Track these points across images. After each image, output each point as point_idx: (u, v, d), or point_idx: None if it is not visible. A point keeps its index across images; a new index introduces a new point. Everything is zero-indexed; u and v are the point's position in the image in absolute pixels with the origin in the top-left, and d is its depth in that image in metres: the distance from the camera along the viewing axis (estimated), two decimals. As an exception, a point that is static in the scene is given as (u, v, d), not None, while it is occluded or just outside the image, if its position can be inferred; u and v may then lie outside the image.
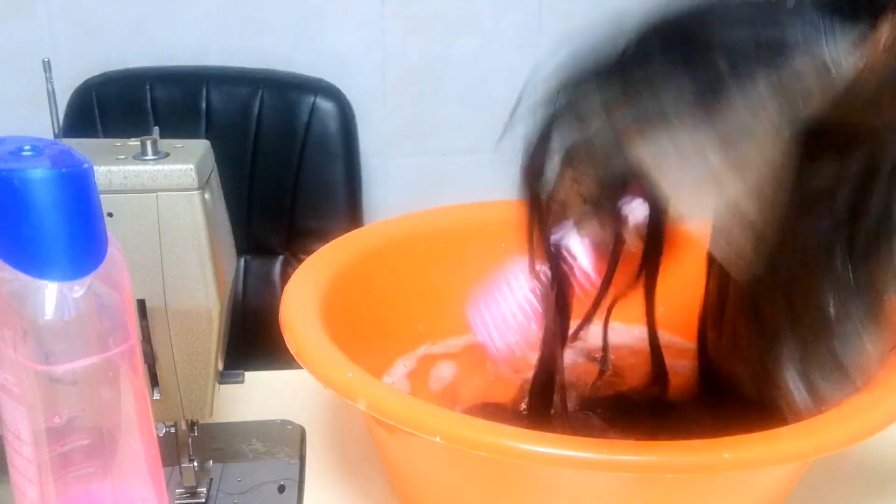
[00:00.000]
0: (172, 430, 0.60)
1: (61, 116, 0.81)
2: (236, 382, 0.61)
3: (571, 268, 0.57)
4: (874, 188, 0.48)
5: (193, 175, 0.52)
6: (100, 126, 1.42)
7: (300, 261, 0.84)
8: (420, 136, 1.60)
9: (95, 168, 0.43)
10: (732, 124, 0.43)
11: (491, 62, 1.55)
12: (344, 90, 1.49)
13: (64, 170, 0.40)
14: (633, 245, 0.56)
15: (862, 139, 0.46)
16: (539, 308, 0.59)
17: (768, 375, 0.52)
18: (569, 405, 0.61)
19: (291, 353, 0.56)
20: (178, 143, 0.55)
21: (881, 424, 0.49)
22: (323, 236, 0.72)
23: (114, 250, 0.43)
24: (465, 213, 0.80)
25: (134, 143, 0.54)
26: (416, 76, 1.55)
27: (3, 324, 0.42)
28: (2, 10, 1.46)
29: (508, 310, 0.61)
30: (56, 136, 0.52)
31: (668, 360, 0.65)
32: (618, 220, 0.54)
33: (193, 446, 0.61)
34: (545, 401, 0.60)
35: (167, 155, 0.53)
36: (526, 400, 0.64)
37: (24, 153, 0.41)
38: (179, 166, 0.52)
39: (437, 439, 0.48)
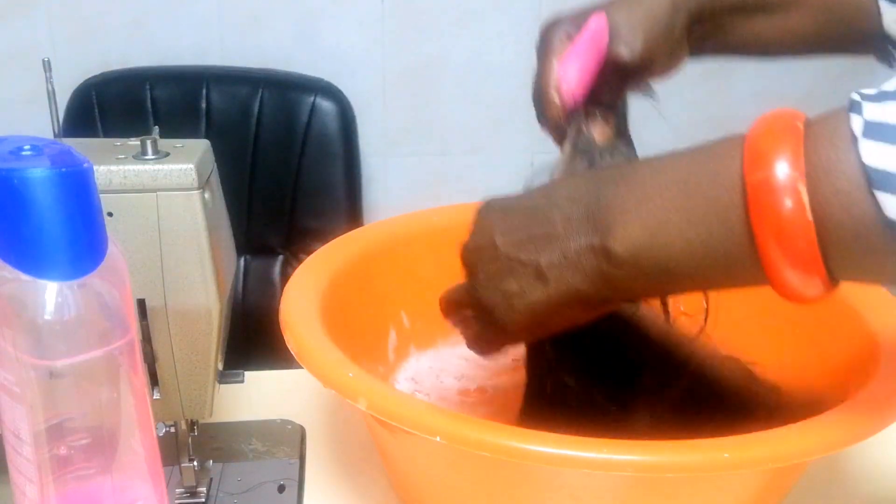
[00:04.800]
0: (172, 429, 0.60)
1: (61, 116, 0.81)
2: (236, 382, 0.61)
3: None
4: None
5: (193, 175, 0.53)
6: (100, 126, 1.42)
7: (300, 261, 0.84)
8: (420, 136, 1.60)
9: (95, 168, 0.43)
10: None
11: (491, 62, 1.55)
12: (344, 90, 1.49)
13: (64, 169, 0.40)
14: None
15: None
16: None
17: None
18: None
19: (291, 353, 0.56)
20: (178, 143, 0.55)
21: (881, 425, 0.49)
22: (323, 236, 0.72)
23: (114, 250, 0.43)
24: (465, 213, 0.79)
25: (134, 142, 0.54)
26: (415, 76, 1.55)
27: (3, 323, 0.42)
28: (2, 10, 1.45)
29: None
30: (56, 135, 0.52)
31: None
32: None
33: (193, 446, 0.61)
34: None
35: (167, 155, 0.53)
36: None
37: (24, 153, 0.41)
38: (179, 166, 0.52)
39: (437, 439, 0.48)
